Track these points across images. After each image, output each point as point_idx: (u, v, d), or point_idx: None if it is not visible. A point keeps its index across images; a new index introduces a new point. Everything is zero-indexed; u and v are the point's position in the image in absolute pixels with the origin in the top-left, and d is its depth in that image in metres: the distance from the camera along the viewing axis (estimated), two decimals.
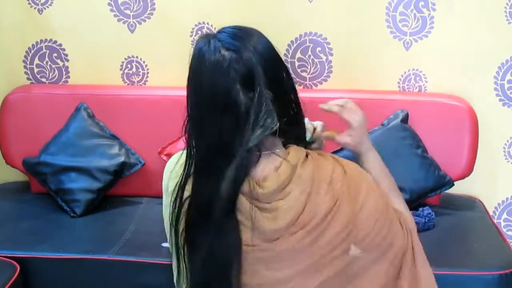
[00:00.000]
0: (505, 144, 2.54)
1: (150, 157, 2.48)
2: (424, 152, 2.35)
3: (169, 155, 2.43)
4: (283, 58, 1.60)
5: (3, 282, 1.91)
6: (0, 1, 2.55)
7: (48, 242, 2.14)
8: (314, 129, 1.38)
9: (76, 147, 2.43)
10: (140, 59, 2.60)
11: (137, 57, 2.60)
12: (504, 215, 2.63)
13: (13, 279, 1.95)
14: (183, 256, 1.21)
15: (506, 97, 2.50)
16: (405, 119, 2.38)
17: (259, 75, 1.13)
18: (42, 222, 2.31)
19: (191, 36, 2.54)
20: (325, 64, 2.54)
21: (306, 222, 1.15)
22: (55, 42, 2.60)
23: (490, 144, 2.51)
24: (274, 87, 1.14)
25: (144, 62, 2.61)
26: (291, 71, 1.43)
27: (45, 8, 2.54)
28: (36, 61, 2.62)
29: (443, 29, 2.45)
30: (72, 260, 2.04)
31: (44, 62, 2.62)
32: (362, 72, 2.52)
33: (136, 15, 2.54)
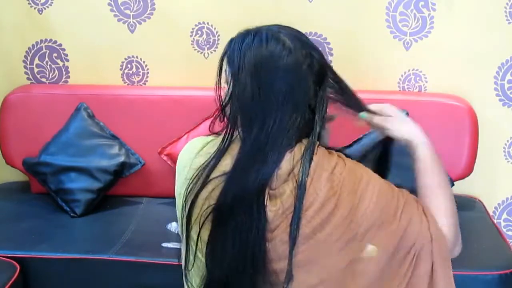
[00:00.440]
0: (505, 144, 2.54)
1: (150, 157, 2.47)
2: None
3: (169, 155, 2.44)
4: None
5: (3, 282, 1.91)
6: (0, 1, 2.55)
7: (48, 242, 2.13)
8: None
9: (76, 147, 2.43)
10: (140, 59, 2.60)
11: (137, 57, 2.60)
12: (504, 215, 2.63)
13: (13, 279, 1.94)
14: (199, 246, 1.22)
15: (506, 97, 2.50)
16: None
17: (329, 72, 1.24)
18: (42, 222, 2.30)
19: (191, 36, 2.54)
20: None
21: (307, 207, 1.17)
22: (55, 42, 2.60)
23: (490, 144, 2.51)
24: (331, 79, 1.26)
25: (144, 62, 2.61)
26: None
27: (45, 8, 2.54)
28: (36, 61, 2.62)
29: (443, 29, 2.45)
30: (72, 260, 2.04)
31: (44, 62, 2.62)
32: (362, 72, 2.51)
33: (136, 15, 2.54)
